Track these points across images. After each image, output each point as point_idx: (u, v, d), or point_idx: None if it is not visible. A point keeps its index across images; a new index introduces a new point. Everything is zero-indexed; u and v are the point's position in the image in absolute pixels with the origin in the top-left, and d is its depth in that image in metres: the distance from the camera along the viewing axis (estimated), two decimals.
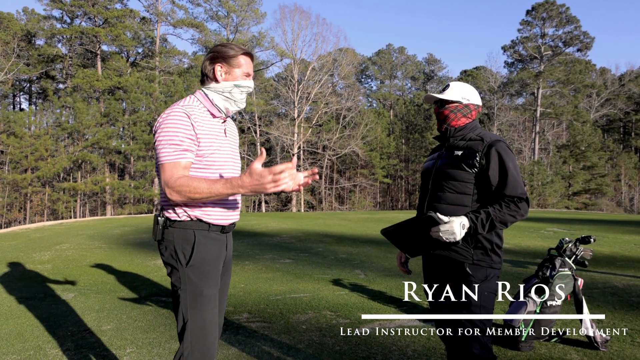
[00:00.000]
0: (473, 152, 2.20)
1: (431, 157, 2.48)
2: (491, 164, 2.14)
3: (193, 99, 2.06)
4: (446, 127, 2.35)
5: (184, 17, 35.10)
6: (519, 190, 2.12)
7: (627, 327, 3.95)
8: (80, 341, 3.62)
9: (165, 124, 1.92)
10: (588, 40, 43.30)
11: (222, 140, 2.07)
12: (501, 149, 2.17)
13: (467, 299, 2.13)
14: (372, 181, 45.76)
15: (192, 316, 1.94)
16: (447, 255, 2.23)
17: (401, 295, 5.06)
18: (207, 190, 1.83)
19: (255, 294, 5.11)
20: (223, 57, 2.06)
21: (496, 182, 2.14)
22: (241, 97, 2.11)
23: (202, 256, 1.97)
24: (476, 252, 2.18)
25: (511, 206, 2.10)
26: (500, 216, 2.09)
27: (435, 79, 59.49)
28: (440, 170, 2.29)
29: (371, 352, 3.38)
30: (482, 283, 2.15)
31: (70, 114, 31.30)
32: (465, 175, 2.19)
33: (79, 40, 33.35)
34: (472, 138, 2.27)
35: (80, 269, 6.61)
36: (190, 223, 1.98)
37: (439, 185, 2.27)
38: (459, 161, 2.21)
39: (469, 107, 2.34)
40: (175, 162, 1.89)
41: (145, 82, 31.04)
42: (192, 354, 1.93)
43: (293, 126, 38.06)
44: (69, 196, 31.13)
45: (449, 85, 2.40)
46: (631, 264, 7.13)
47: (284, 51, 37.16)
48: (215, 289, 2.02)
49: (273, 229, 11.97)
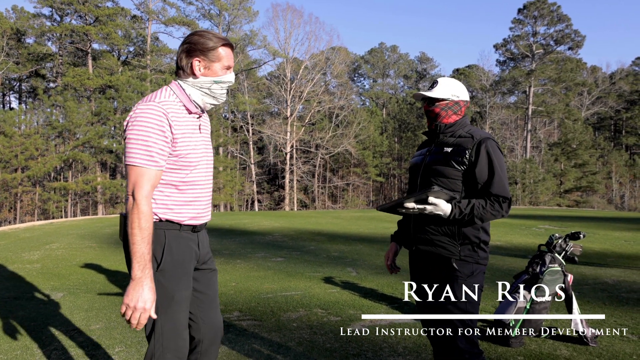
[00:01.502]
0: (462, 149, 2.18)
1: (420, 152, 2.46)
2: (479, 162, 2.14)
3: (169, 92, 1.91)
4: (436, 124, 2.33)
5: (176, 15, 34.90)
6: (503, 190, 2.13)
7: (617, 323, 3.98)
8: (69, 340, 3.58)
9: (138, 121, 1.77)
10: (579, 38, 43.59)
11: (197, 137, 1.96)
12: (490, 148, 2.16)
13: (453, 295, 2.13)
14: (365, 180, 45.81)
15: (163, 319, 1.87)
16: (434, 251, 2.22)
17: (392, 293, 5.06)
18: (139, 241, 1.72)
19: (246, 292, 5.09)
20: (201, 49, 1.90)
21: (483, 181, 2.14)
22: (222, 92, 1.98)
23: (173, 258, 1.88)
24: (463, 248, 2.17)
25: (495, 205, 2.11)
26: (481, 211, 2.10)
27: (428, 78, 59.62)
28: (429, 166, 2.27)
29: (362, 350, 3.37)
30: (468, 278, 2.15)
31: (61, 113, 31.03)
32: (454, 172, 2.18)
33: (69, 38, 33.06)
34: (462, 135, 2.25)
35: (69, 268, 6.54)
36: (161, 224, 1.87)
37: (428, 182, 2.25)
38: (448, 158, 2.20)
39: (459, 104, 2.33)
40: (145, 169, 1.77)
41: (137, 80, 30.83)
42: (163, 354, 1.88)
43: (286, 125, 38.00)
44: (59, 196, 30.88)
45: (437, 82, 2.37)
46: (621, 260, 7.18)
47: (276, 50, 37.10)
48: (187, 291, 1.95)
49: (265, 228, 11.94)
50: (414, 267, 2.40)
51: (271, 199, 43.57)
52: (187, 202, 1.92)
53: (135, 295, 1.70)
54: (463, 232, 2.17)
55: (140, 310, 1.70)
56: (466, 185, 2.19)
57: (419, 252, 2.31)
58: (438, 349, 2.22)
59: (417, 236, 2.29)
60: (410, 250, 2.39)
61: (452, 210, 2.11)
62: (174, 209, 1.89)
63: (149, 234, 1.74)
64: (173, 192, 1.89)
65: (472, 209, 2.10)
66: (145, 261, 1.72)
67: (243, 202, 40.90)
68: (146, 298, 1.71)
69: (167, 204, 1.88)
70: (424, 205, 2.12)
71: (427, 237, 2.24)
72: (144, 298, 1.70)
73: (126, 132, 1.81)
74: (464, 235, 2.18)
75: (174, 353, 1.90)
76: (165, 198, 1.88)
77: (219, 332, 2.13)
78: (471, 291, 2.14)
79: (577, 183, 40.33)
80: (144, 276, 1.72)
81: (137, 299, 1.70)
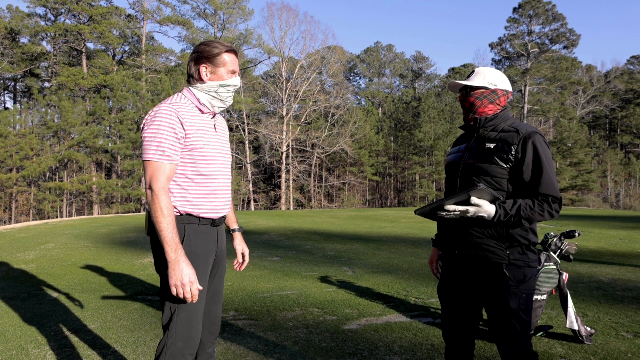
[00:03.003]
0: (507, 144, 2.01)
1: (456, 148, 2.27)
2: (526, 158, 1.98)
3: (181, 96, 2.09)
4: (475, 117, 2.16)
5: (171, 14, 34.82)
6: (552, 189, 1.97)
7: (612, 321, 3.99)
8: (64, 341, 3.57)
9: (153, 122, 1.95)
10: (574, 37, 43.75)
11: (212, 135, 2.10)
12: (538, 143, 1.99)
13: (509, 304, 1.98)
14: (361, 179, 45.84)
15: (178, 308, 1.98)
16: (479, 255, 2.05)
17: (388, 292, 5.06)
18: (165, 227, 1.88)
19: (242, 291, 5.08)
20: (207, 57, 2.06)
21: (529, 178, 1.98)
22: (228, 95, 2.12)
23: (191, 250, 2.00)
24: (512, 251, 2.01)
25: (543, 205, 1.96)
26: (528, 212, 1.95)
27: (424, 77, 59.72)
28: (470, 164, 2.10)
29: (357, 349, 3.37)
30: (521, 285, 1.99)
31: (56, 113, 30.89)
32: (499, 170, 2.01)
33: (63, 37, 32.89)
34: (505, 129, 2.08)
35: (65, 268, 6.52)
36: (181, 217, 2.01)
37: (469, 181, 2.08)
38: (492, 155, 2.03)
39: (496, 93, 2.15)
40: (159, 163, 1.93)
41: (132, 80, 30.72)
42: (175, 343, 1.98)
43: (282, 124, 37.98)
44: (55, 196, 30.73)
45: (475, 71, 2.22)
46: (616, 259, 7.21)
47: (271, 49, 37.06)
48: (204, 281, 2.06)
49: (261, 227, 11.93)
50: (454, 274, 2.19)
51: (267, 199, 43.52)
52: (204, 195, 2.05)
53: (177, 274, 1.86)
54: (511, 234, 2.01)
55: (188, 284, 1.87)
56: (512, 184, 2.03)
57: (462, 257, 2.12)
58: (502, 353, 2.05)
59: (459, 239, 2.11)
60: (451, 254, 2.19)
61: (496, 212, 1.96)
62: (191, 201, 2.02)
63: (172, 219, 1.90)
64: (190, 185, 2.02)
65: (518, 209, 1.95)
66: (175, 243, 1.88)
67: (239, 202, 40.85)
68: (187, 272, 1.87)
69: (185, 196, 2.02)
70: (465, 207, 1.96)
71: (472, 240, 2.06)
72: (186, 273, 1.87)
73: (142, 134, 1.99)
74: (512, 237, 2.01)
75: (186, 342, 1.99)
76: (183, 191, 2.02)
77: (217, 325, 2.25)
78: (525, 299, 2.00)
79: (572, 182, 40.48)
80: (178, 256, 1.88)
81: (181, 276, 1.86)
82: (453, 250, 2.16)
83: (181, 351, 1.98)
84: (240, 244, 2.41)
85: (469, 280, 2.10)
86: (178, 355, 1.98)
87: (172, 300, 1.97)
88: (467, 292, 2.12)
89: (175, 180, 2.00)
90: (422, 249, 8.27)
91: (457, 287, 2.16)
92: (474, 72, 2.22)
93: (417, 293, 5.00)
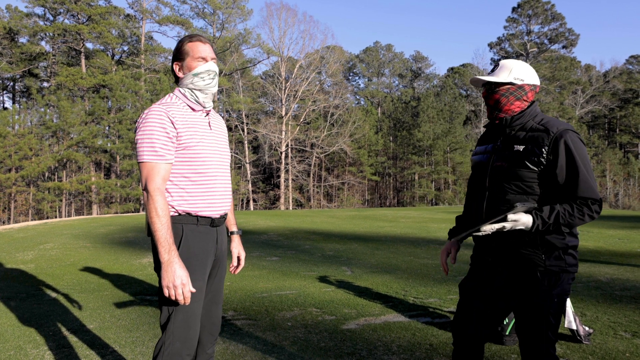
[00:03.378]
0: (538, 146, 1.88)
1: (483, 148, 2.13)
2: (559, 160, 1.85)
3: (172, 96, 2.11)
4: (501, 115, 2.03)
5: (170, 14, 34.79)
6: (591, 191, 1.84)
7: (610, 320, 4.00)
8: (62, 341, 3.57)
9: (144, 124, 1.96)
10: (573, 37, 43.82)
11: (207, 132, 2.10)
12: (571, 141, 1.86)
13: (537, 308, 1.93)
14: (360, 179, 45.86)
15: (176, 309, 1.98)
16: (514, 262, 1.97)
17: (387, 291, 5.06)
18: (159, 228, 1.88)
19: (240, 291, 5.08)
20: (175, 54, 2.11)
21: (564, 182, 1.86)
22: (204, 83, 2.08)
23: (189, 250, 2.00)
24: (548, 255, 1.92)
25: (583, 209, 1.85)
26: (568, 219, 1.84)
27: (423, 77, 59.74)
28: (499, 168, 1.97)
29: (356, 348, 3.37)
30: (554, 289, 1.92)
31: (55, 113, 30.86)
32: (529, 175, 1.90)
33: (62, 37, 32.87)
34: (534, 128, 1.94)
35: (63, 268, 6.51)
36: (179, 218, 2.01)
37: (499, 186, 1.96)
38: (522, 158, 1.90)
39: (523, 89, 2.01)
40: (153, 163, 1.93)
41: (131, 80, 30.70)
42: (173, 343, 1.97)
43: (281, 124, 37.99)
44: (54, 196, 30.70)
45: (500, 65, 2.06)
46: (615, 258, 7.22)
47: (270, 49, 37.06)
48: (202, 282, 2.05)
49: (260, 227, 11.93)
50: (483, 274, 2.10)
51: (266, 198, 43.51)
52: (201, 193, 2.04)
53: (169, 276, 1.86)
54: (547, 240, 1.91)
55: (180, 286, 1.86)
56: (544, 188, 1.91)
57: (496, 264, 2.04)
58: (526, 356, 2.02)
59: (493, 246, 2.02)
60: (484, 261, 2.10)
61: (534, 222, 1.85)
62: (189, 200, 2.01)
63: (167, 220, 1.90)
64: (187, 183, 2.02)
65: (556, 217, 1.84)
66: (169, 244, 1.88)
67: (238, 202, 40.84)
68: (180, 274, 1.87)
69: (182, 195, 2.01)
70: (501, 224, 1.87)
71: (507, 247, 1.97)
72: (178, 275, 1.87)
73: (135, 136, 2.00)
74: (549, 242, 1.91)
75: (184, 343, 1.99)
76: (181, 190, 2.01)
77: (217, 325, 2.24)
78: (556, 304, 1.94)
79: None
80: (171, 257, 1.88)
81: (173, 278, 1.86)
82: (487, 256, 2.06)
83: (179, 352, 1.98)
84: (237, 247, 2.40)
85: (499, 281, 2.02)
86: (176, 356, 1.97)
87: (169, 301, 1.97)
88: (498, 294, 2.03)
89: (172, 180, 2.00)
90: (421, 249, 8.28)
91: (487, 288, 2.06)
92: (499, 65, 2.07)
93: (416, 293, 5.01)
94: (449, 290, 5.10)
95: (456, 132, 43.91)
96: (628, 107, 49.78)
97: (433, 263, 6.79)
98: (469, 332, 2.12)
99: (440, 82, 54.78)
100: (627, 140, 51.08)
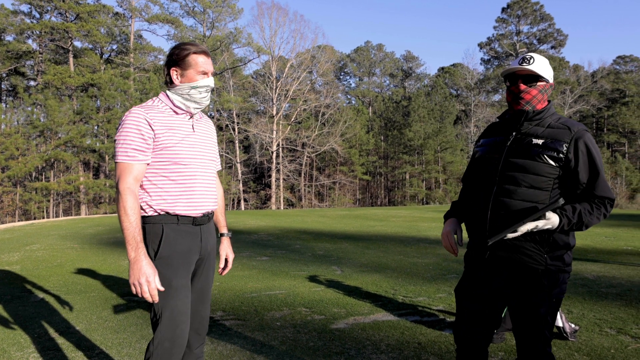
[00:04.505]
0: (558, 142, 1.87)
1: (491, 140, 2.08)
2: (580, 159, 1.86)
3: (156, 99, 2.13)
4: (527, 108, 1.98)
5: (159, 12, 34.57)
6: (608, 190, 1.87)
7: (596, 317, 4.04)
8: (48, 343, 3.52)
9: (122, 125, 1.99)
10: (562, 37, 44.23)
11: (188, 134, 2.10)
12: (589, 142, 1.88)
13: (536, 308, 1.93)
14: (351, 178, 45.91)
15: (162, 308, 1.98)
16: (515, 259, 1.94)
17: (377, 291, 5.07)
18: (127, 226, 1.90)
19: (230, 291, 5.06)
20: (175, 60, 2.08)
21: (585, 180, 1.87)
22: (201, 96, 2.11)
23: (170, 248, 2.01)
24: (550, 255, 1.92)
25: (601, 208, 1.86)
26: (588, 218, 1.85)
27: (413, 76, 59.96)
28: (513, 160, 1.93)
29: (345, 348, 3.37)
30: (553, 289, 1.93)
31: (42, 112, 30.52)
32: (547, 169, 1.87)
33: (49, 36, 32.51)
34: (554, 125, 1.94)
35: (50, 269, 6.44)
36: (158, 217, 2.02)
37: (510, 178, 1.91)
38: (541, 152, 1.87)
39: (551, 88, 2.04)
40: (126, 164, 1.96)
41: (120, 79, 30.46)
42: (161, 343, 1.98)
43: (272, 123, 37.91)
44: (41, 196, 30.37)
45: (534, 58, 1.98)
46: (601, 256, 7.30)
47: (261, 47, 36.96)
48: (186, 280, 2.05)
49: (251, 227, 11.90)
50: (481, 274, 2.05)
51: (257, 198, 43.41)
52: (180, 192, 2.04)
53: (135, 273, 1.88)
54: (554, 238, 1.90)
55: (145, 283, 1.87)
56: (561, 186, 1.91)
57: (495, 260, 1.99)
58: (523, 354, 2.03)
59: None
60: (480, 256, 2.05)
61: (560, 221, 1.83)
62: (167, 200, 2.02)
63: (135, 218, 1.92)
64: (166, 183, 2.02)
65: (580, 216, 1.84)
66: (136, 242, 1.90)
67: (229, 202, 40.69)
68: (145, 272, 1.88)
69: (160, 195, 2.02)
70: (535, 224, 1.82)
71: (508, 242, 1.92)
72: (143, 272, 1.88)
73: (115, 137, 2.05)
74: (554, 241, 1.90)
75: (172, 342, 2.00)
76: (159, 190, 2.02)
77: (204, 325, 2.25)
78: (554, 304, 1.95)
79: None
80: (138, 255, 1.89)
81: (139, 275, 1.87)
82: (484, 252, 2.00)
83: (169, 351, 1.98)
84: (226, 249, 2.40)
85: (499, 281, 1.99)
86: (165, 355, 1.98)
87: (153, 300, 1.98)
88: (497, 294, 2.01)
89: (150, 180, 2.02)
90: (411, 248, 8.30)
91: (483, 290, 2.03)
92: (533, 57, 1.98)
93: (405, 292, 5.02)
94: (438, 289, 5.12)
95: (447, 131, 44.13)
96: (615, 107, 50.35)
97: (423, 262, 6.81)
98: (473, 337, 2.08)
99: (430, 82, 55.01)
100: (614, 140, 51.67)
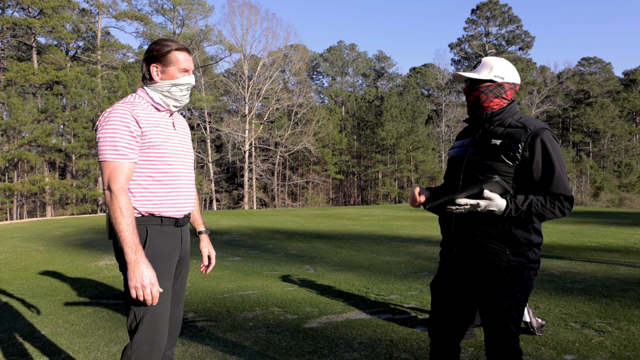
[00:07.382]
0: (514, 141, 1.93)
1: (460, 143, 2.18)
2: (535, 157, 1.90)
3: (135, 96, 2.06)
4: (480, 111, 2.07)
5: (127, 9, 33.82)
6: (564, 187, 1.90)
7: (561, 312, 4.15)
8: (11, 348, 3.40)
9: (107, 122, 1.91)
10: (529, 39, 45.37)
11: (171, 132, 2.07)
12: (547, 140, 1.91)
13: (500, 304, 1.96)
14: (324, 177, 46.00)
15: (144, 311, 1.94)
16: (478, 256, 2.00)
17: (349, 289, 5.09)
18: (125, 228, 1.84)
19: (201, 292, 4.99)
20: (156, 56, 2.03)
21: (539, 178, 1.91)
22: (181, 94, 2.08)
23: (154, 251, 1.97)
24: (512, 252, 1.96)
25: (555, 203, 1.90)
26: (540, 209, 1.88)
27: (386, 76, 60.47)
28: (474, 160, 2.01)
29: (317, 347, 3.37)
30: (516, 285, 1.96)
31: (5, 110, 29.46)
32: (504, 168, 1.93)
33: (11, 31, 31.40)
34: (512, 124, 1.98)
35: (13, 272, 6.22)
36: (142, 219, 1.97)
37: (473, 178, 2.00)
38: (498, 152, 1.94)
39: (503, 87, 2.04)
40: (117, 163, 1.89)
41: (87, 76, 29.67)
42: (140, 347, 1.94)
43: (244, 123, 37.61)
44: (4, 197, 29.33)
45: (482, 62, 2.09)
46: (567, 252, 7.52)
47: (232, 45, 36.63)
48: (168, 283, 2.02)
49: (223, 227, 11.78)
50: (451, 271, 2.14)
51: (230, 198, 43.03)
52: (165, 193, 2.01)
53: (137, 276, 1.83)
54: (513, 235, 1.95)
55: (148, 286, 1.84)
56: (518, 183, 1.95)
57: (461, 256, 2.07)
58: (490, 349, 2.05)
59: (459, 238, 2.05)
60: (449, 252, 2.14)
61: (507, 206, 1.88)
62: (153, 200, 1.98)
63: (132, 220, 1.87)
64: (151, 183, 1.98)
65: (529, 205, 1.88)
66: (135, 244, 1.85)
67: (201, 202, 40.19)
68: (147, 274, 1.85)
69: (145, 195, 1.97)
70: (476, 201, 1.89)
71: (472, 239, 2.00)
72: (146, 275, 1.84)
73: (97, 135, 1.93)
74: (515, 238, 1.95)
75: (152, 346, 1.96)
76: (144, 190, 1.97)
77: (177, 327, 2.22)
78: (519, 300, 1.98)
79: None
80: (138, 257, 1.85)
81: (141, 278, 1.83)
82: (452, 248, 2.10)
83: (148, 355, 1.95)
84: (207, 247, 2.36)
85: (466, 278, 2.07)
86: (145, 359, 1.94)
87: (136, 303, 1.93)
88: (466, 290, 2.09)
89: (135, 180, 1.96)
90: (384, 247, 8.37)
91: (454, 285, 2.11)
92: (481, 62, 2.10)
93: (378, 290, 5.05)
94: (409, 287, 5.18)
95: (418, 131, 44.69)
96: (580, 107, 52.00)
97: (395, 260, 6.88)
98: (446, 332, 2.15)
99: (402, 82, 55.62)
100: (579, 139, 53.35)
